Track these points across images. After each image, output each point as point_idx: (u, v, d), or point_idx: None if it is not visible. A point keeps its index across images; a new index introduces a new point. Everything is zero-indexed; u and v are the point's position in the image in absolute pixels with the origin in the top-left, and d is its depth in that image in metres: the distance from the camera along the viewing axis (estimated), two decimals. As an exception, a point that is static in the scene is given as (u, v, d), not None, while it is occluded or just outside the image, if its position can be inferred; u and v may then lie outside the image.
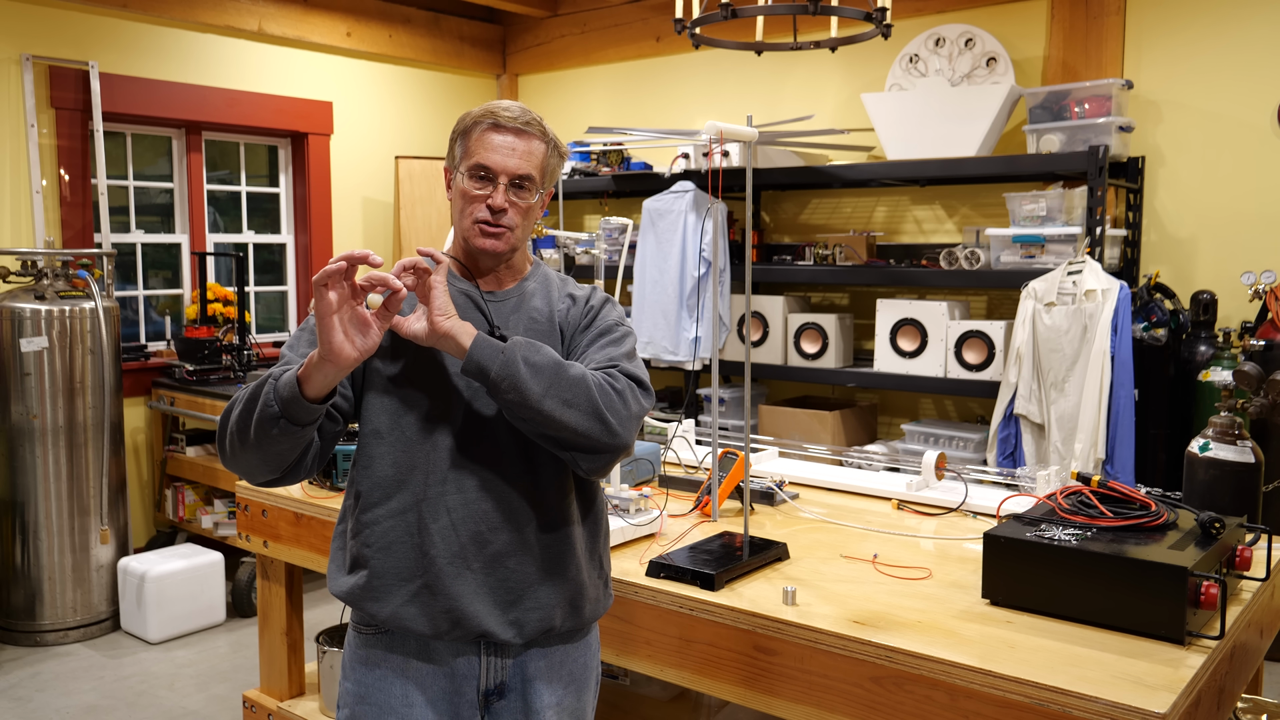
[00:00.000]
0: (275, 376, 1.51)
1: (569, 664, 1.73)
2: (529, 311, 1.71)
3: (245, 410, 1.51)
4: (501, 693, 1.68)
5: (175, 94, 4.92)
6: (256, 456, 1.53)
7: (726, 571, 2.02)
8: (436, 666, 1.66)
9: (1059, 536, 1.86)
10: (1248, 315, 4.05)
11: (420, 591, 1.62)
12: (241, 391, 1.55)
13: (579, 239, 3.82)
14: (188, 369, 4.70)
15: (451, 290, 1.67)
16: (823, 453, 3.30)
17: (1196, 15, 4.20)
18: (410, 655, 1.66)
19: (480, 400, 1.63)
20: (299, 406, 1.47)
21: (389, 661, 1.67)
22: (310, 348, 1.60)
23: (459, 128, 1.69)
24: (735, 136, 2.27)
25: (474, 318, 1.67)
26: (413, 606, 1.62)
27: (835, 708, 1.78)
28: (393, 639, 1.67)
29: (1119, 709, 1.49)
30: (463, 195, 1.66)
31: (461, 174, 1.66)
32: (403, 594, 1.62)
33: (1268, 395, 2.58)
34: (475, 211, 1.65)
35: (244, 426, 1.50)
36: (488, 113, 1.66)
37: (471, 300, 1.69)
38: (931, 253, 4.64)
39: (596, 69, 6.07)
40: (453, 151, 1.70)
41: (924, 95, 4.42)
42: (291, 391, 1.47)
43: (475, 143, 1.65)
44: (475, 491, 1.62)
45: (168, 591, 4.11)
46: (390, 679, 1.66)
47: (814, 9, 2.72)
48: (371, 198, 5.87)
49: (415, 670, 1.66)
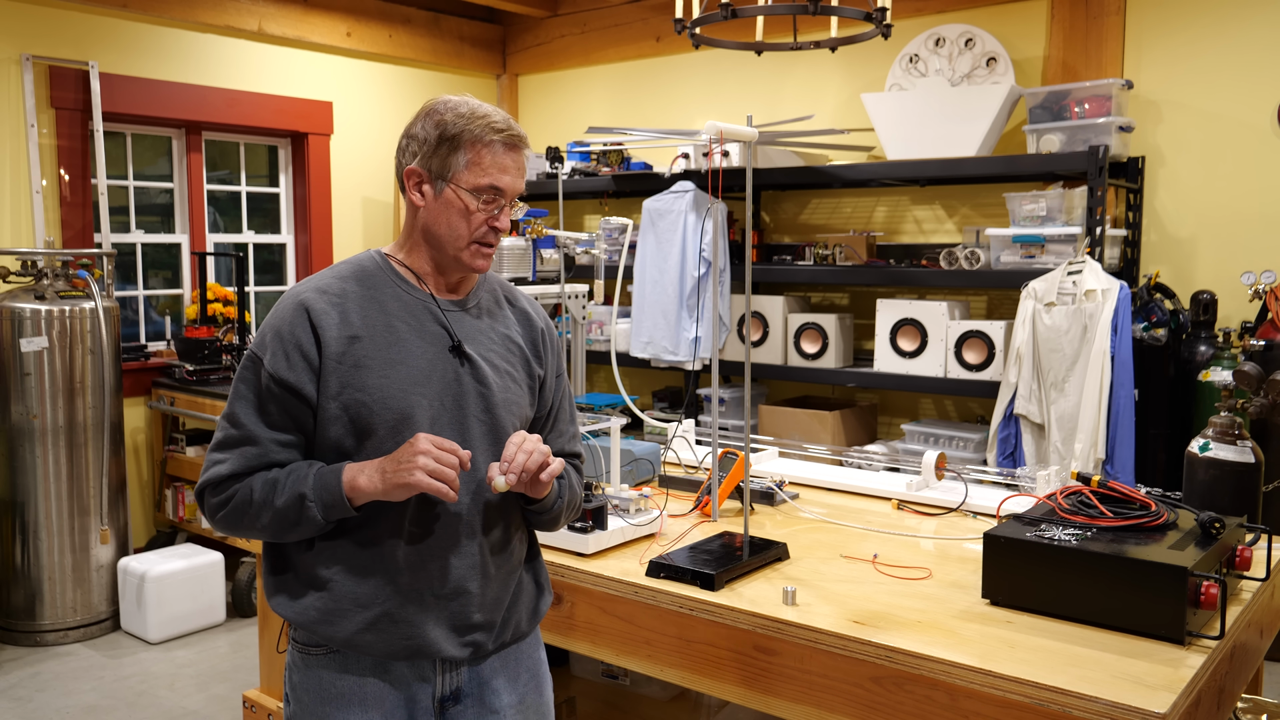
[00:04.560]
0: (312, 498, 1.52)
1: (524, 660, 1.74)
2: (488, 328, 1.69)
3: (280, 521, 1.54)
4: (457, 698, 1.67)
5: (175, 94, 4.92)
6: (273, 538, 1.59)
7: (726, 571, 2.02)
8: (391, 684, 1.62)
9: (1059, 536, 1.86)
10: (1248, 315, 4.05)
11: (380, 619, 1.58)
12: (251, 493, 1.54)
13: (579, 239, 3.82)
14: (188, 369, 4.70)
15: (406, 299, 1.62)
16: (823, 453, 3.30)
17: (1196, 15, 4.20)
18: (365, 674, 1.61)
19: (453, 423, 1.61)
20: (344, 513, 1.54)
21: (341, 683, 1.61)
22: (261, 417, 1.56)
23: (449, 133, 1.57)
24: (735, 136, 2.27)
25: (434, 330, 1.62)
26: (370, 634, 1.58)
27: (835, 708, 1.78)
28: (345, 659, 1.61)
29: (1119, 709, 1.49)
30: (461, 212, 1.59)
31: (461, 189, 1.58)
32: (360, 619, 1.57)
33: (1268, 395, 2.58)
34: (476, 231, 1.60)
35: (278, 530, 1.56)
36: (493, 128, 1.58)
37: (430, 312, 1.63)
38: (931, 253, 4.64)
39: (596, 69, 6.07)
40: (439, 157, 1.58)
41: (924, 95, 4.42)
42: (343, 508, 1.53)
43: (487, 161, 1.58)
44: (438, 522, 1.60)
45: (168, 591, 4.11)
46: (345, 699, 1.61)
47: (814, 9, 2.72)
48: (371, 198, 5.87)
49: (371, 689, 1.61)
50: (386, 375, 1.57)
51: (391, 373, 1.57)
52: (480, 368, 1.64)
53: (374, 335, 1.58)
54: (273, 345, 1.57)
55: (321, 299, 1.59)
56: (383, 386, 1.56)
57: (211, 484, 1.57)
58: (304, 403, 1.56)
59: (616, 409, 3.33)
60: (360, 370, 1.56)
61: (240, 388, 1.58)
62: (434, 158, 1.59)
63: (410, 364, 1.59)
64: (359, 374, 1.56)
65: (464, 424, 1.61)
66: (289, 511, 1.53)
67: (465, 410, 1.62)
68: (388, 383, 1.56)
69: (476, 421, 1.63)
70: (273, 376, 1.55)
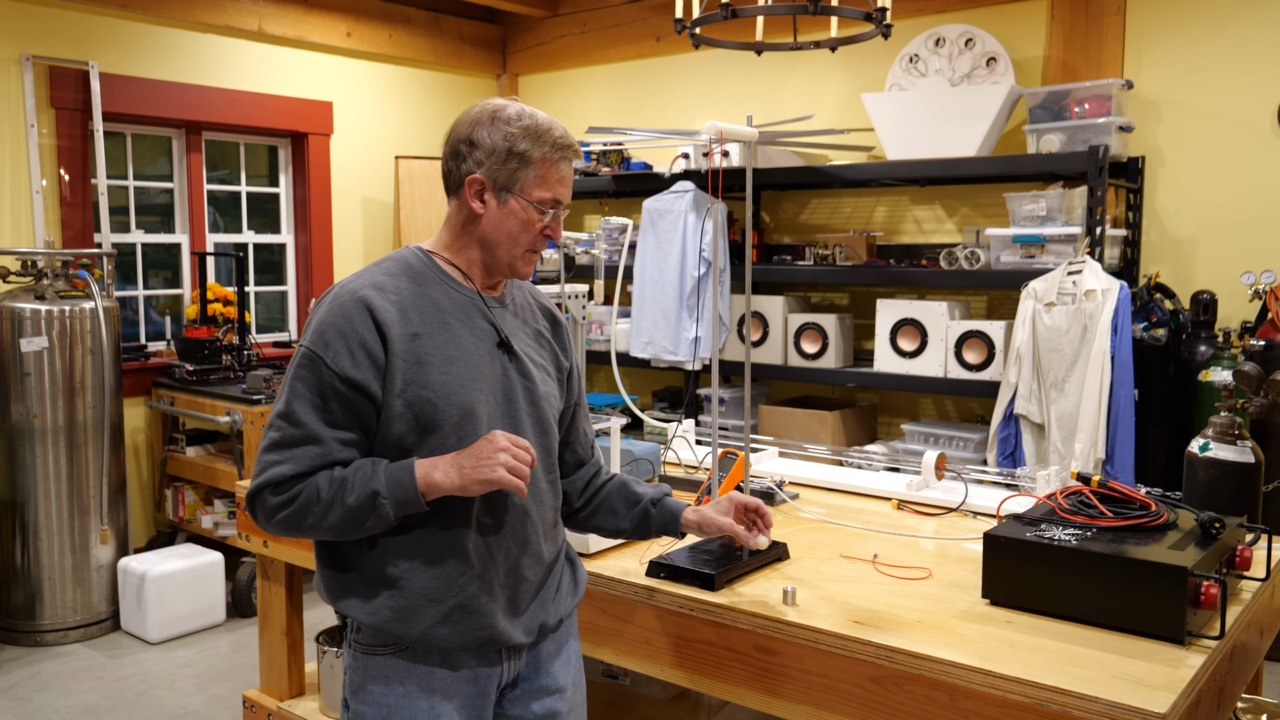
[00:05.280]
0: (385, 494, 1.52)
1: (568, 640, 1.83)
2: (523, 325, 1.76)
3: (350, 519, 1.54)
4: (515, 683, 1.73)
5: (175, 94, 4.92)
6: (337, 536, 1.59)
7: (726, 571, 2.02)
8: (459, 675, 1.65)
9: (1059, 536, 1.86)
10: (1248, 315, 4.05)
11: (454, 612, 1.60)
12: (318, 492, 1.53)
13: (579, 239, 3.82)
14: (188, 369, 4.70)
15: (455, 296, 1.66)
16: (823, 453, 3.30)
17: (1196, 15, 4.20)
18: (434, 665, 1.63)
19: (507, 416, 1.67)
20: (416, 509, 1.55)
21: (412, 677, 1.62)
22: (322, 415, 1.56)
23: (518, 148, 1.61)
24: (735, 136, 2.27)
25: (482, 327, 1.66)
26: (445, 627, 1.60)
27: (835, 708, 1.78)
28: (413, 654, 1.63)
29: (1119, 709, 1.49)
30: (524, 222, 1.64)
31: (524, 200, 1.63)
32: (434, 614, 1.59)
33: (1268, 395, 2.58)
34: (533, 240, 1.66)
35: (346, 528, 1.55)
36: (563, 145, 1.63)
37: (477, 309, 1.68)
38: (931, 253, 4.64)
39: (596, 69, 6.07)
40: (507, 170, 1.61)
41: (924, 95, 4.42)
42: (416, 504, 1.54)
43: (551, 176, 1.63)
44: (506, 513, 1.66)
45: (168, 591, 4.11)
46: (415, 695, 1.62)
47: (814, 9, 2.72)
48: (371, 198, 5.87)
49: (440, 681, 1.63)
50: (448, 371, 1.59)
51: (452, 369, 1.60)
52: (524, 363, 1.70)
53: (432, 332, 1.60)
54: (335, 343, 1.55)
55: (381, 296, 1.59)
56: (445, 383, 1.58)
57: (272, 484, 1.55)
58: (369, 401, 1.56)
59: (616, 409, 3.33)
60: (423, 367, 1.57)
61: (297, 386, 1.56)
62: (501, 170, 1.62)
63: (467, 360, 1.62)
64: (422, 371, 1.57)
65: (515, 417, 1.67)
66: (361, 509, 1.53)
67: (515, 404, 1.67)
68: (450, 379, 1.59)
69: (525, 415, 1.69)
70: (337, 374, 1.54)
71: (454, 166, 1.65)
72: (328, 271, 5.63)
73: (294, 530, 1.57)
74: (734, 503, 1.89)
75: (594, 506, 1.90)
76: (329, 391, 1.55)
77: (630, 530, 1.90)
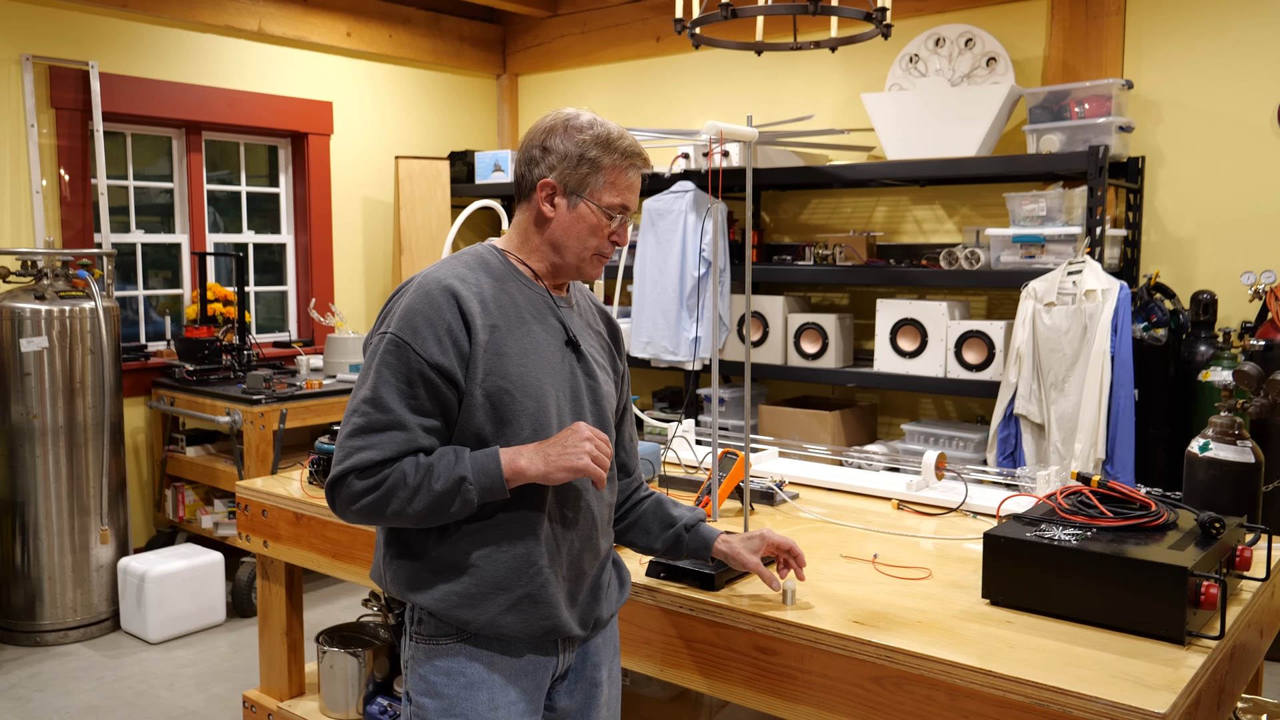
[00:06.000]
0: (471, 480, 1.55)
1: (612, 634, 1.87)
2: (585, 325, 1.80)
3: (435, 505, 1.55)
4: (564, 675, 1.77)
5: (175, 94, 4.92)
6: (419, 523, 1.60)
7: (726, 571, 2.02)
8: (520, 664, 1.68)
9: (1059, 536, 1.86)
10: (1248, 315, 4.05)
11: (521, 601, 1.63)
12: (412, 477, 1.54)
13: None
14: (188, 369, 4.70)
15: (528, 294, 1.70)
16: (823, 453, 3.30)
17: (1196, 15, 4.20)
18: (495, 654, 1.66)
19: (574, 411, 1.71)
20: (499, 496, 1.58)
21: (473, 667, 1.65)
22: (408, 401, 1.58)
23: (590, 154, 1.66)
24: (735, 136, 2.27)
25: (553, 324, 1.71)
26: (511, 615, 1.63)
27: (835, 708, 1.78)
28: (475, 643, 1.65)
29: (1119, 709, 1.49)
30: (593, 226, 1.69)
31: (595, 206, 1.68)
32: (502, 602, 1.62)
33: (1268, 395, 2.58)
34: (600, 244, 1.71)
35: (430, 514, 1.56)
36: (633, 154, 1.69)
37: (548, 306, 1.72)
38: (931, 253, 4.64)
39: (596, 69, 6.07)
40: (578, 174, 1.66)
41: (924, 95, 4.42)
42: (500, 491, 1.57)
43: (621, 183, 1.69)
44: (576, 507, 1.70)
45: (168, 591, 4.11)
46: (475, 688, 1.65)
47: (814, 9, 2.72)
48: (371, 198, 5.87)
49: (503, 669, 1.66)
50: (524, 364, 1.63)
51: (528, 361, 1.64)
52: (589, 362, 1.75)
53: (509, 326, 1.65)
54: (423, 330, 1.58)
55: (465, 288, 1.63)
56: (522, 375, 1.63)
57: (359, 469, 1.56)
58: (454, 388, 1.60)
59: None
60: (502, 359, 1.62)
61: (384, 372, 1.58)
62: (573, 175, 1.67)
63: (541, 354, 1.67)
64: (501, 362, 1.61)
65: (581, 414, 1.72)
66: (447, 495, 1.55)
67: (581, 401, 1.73)
68: (526, 371, 1.63)
69: (589, 412, 1.74)
70: (426, 361, 1.57)
71: (527, 171, 1.71)
72: (328, 271, 5.63)
73: (374, 517, 1.58)
74: (765, 541, 1.93)
75: (629, 523, 1.95)
76: (416, 378, 1.57)
77: (662, 551, 1.95)
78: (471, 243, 4.64)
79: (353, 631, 3.06)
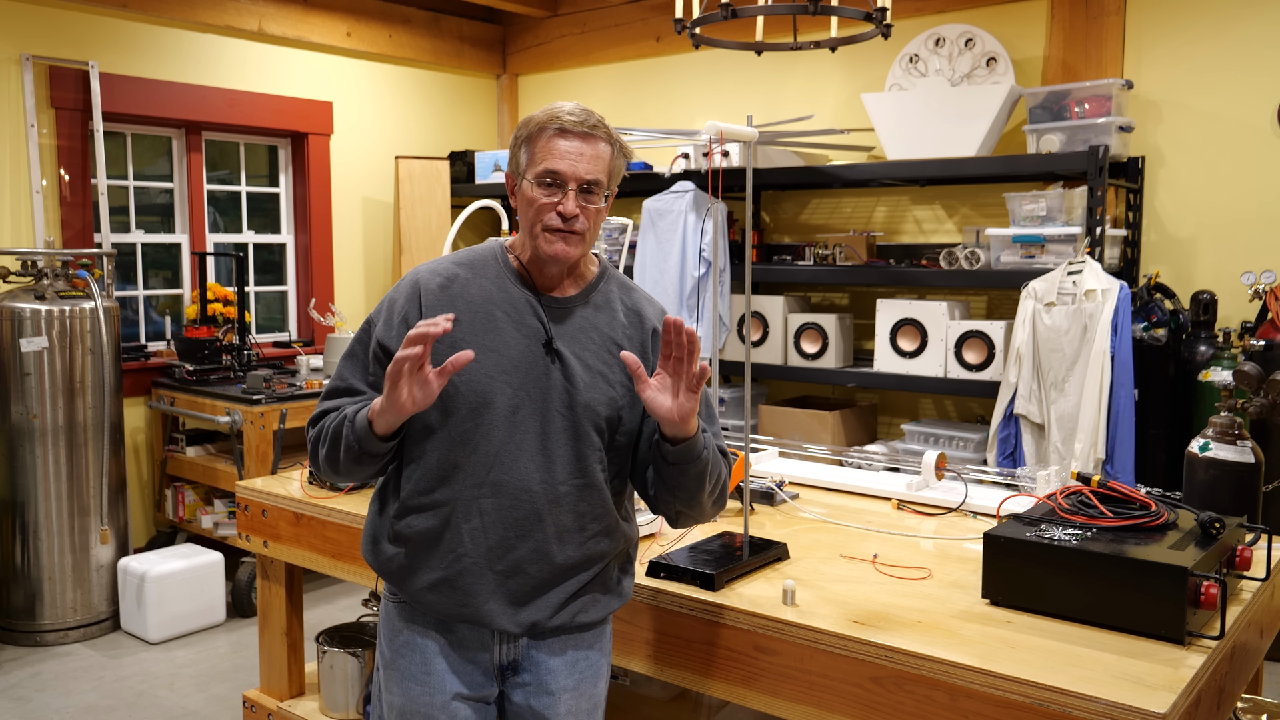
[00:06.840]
0: (350, 418, 1.66)
1: (585, 650, 1.80)
2: (590, 328, 1.73)
3: (331, 449, 1.69)
4: (516, 669, 1.77)
5: (175, 94, 4.92)
6: (349, 477, 1.74)
7: (726, 571, 2.02)
8: (454, 640, 1.75)
9: (1059, 536, 1.86)
10: (1248, 315, 4.05)
11: (439, 583, 1.70)
12: (325, 422, 1.71)
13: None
14: (188, 369, 4.70)
15: (511, 292, 1.72)
16: (823, 453, 3.30)
17: (1196, 15, 4.20)
18: (430, 627, 1.75)
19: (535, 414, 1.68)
20: (373, 443, 1.64)
21: (410, 630, 1.76)
22: (365, 375, 1.74)
23: (521, 134, 1.70)
24: (735, 136, 2.27)
25: (531, 324, 1.69)
26: (431, 594, 1.71)
27: (835, 708, 1.78)
28: (414, 610, 1.76)
29: (1119, 709, 1.49)
30: (531, 203, 1.67)
31: (529, 181, 1.67)
32: (425, 579, 1.70)
33: (1268, 395, 2.58)
34: (545, 219, 1.66)
35: (333, 460, 1.70)
36: (552, 117, 1.66)
37: (530, 306, 1.71)
38: (931, 253, 4.64)
39: (596, 69, 6.07)
40: (516, 158, 1.71)
41: (924, 95, 4.42)
42: (365, 433, 1.63)
43: (541, 149, 1.66)
44: (509, 504, 1.68)
45: (168, 591, 4.11)
46: (411, 647, 1.76)
47: (814, 9, 2.72)
48: (371, 198, 5.87)
49: (435, 641, 1.75)
50: (475, 360, 1.66)
51: (482, 358, 1.67)
52: (570, 365, 1.70)
53: (473, 320, 1.69)
54: (385, 314, 1.73)
55: (433, 279, 1.72)
56: (469, 369, 1.66)
57: (312, 420, 1.75)
58: None
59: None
60: (453, 350, 1.63)
61: (355, 347, 1.76)
62: (513, 162, 1.72)
63: (501, 352, 1.68)
64: (450, 354, 1.61)
65: (546, 416, 1.69)
66: (337, 432, 1.66)
67: (549, 404, 1.69)
68: (474, 366, 1.66)
69: (558, 415, 1.69)
70: (379, 342, 1.72)
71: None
72: (328, 271, 5.63)
73: (317, 461, 1.73)
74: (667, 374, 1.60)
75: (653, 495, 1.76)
76: (371, 356, 1.73)
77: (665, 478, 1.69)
78: (471, 243, 4.65)
79: (353, 631, 3.06)
